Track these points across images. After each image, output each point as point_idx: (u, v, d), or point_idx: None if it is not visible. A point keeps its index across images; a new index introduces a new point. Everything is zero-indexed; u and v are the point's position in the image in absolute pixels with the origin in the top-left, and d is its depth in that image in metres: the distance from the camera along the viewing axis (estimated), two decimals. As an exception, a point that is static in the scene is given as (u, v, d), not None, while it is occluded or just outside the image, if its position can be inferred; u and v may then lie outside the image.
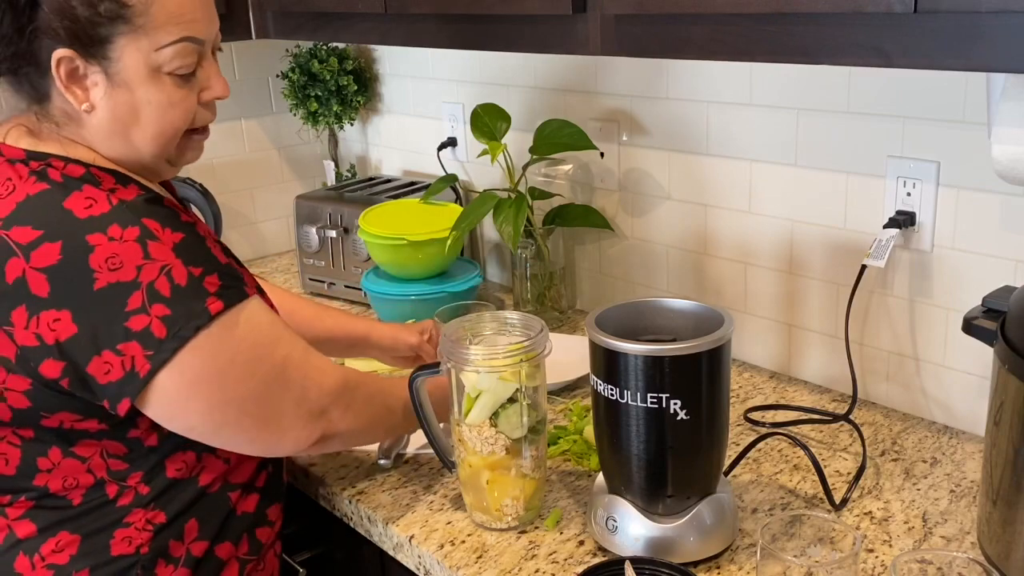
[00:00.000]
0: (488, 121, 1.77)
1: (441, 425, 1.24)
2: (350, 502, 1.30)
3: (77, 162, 1.04)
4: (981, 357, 1.28)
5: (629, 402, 1.06)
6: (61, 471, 1.06)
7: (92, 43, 1.01)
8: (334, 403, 1.12)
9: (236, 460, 1.15)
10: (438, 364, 1.18)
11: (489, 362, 1.14)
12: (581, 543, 1.17)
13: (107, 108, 1.05)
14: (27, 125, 1.07)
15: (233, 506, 1.15)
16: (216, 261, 1.03)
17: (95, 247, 0.97)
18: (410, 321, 1.60)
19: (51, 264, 0.97)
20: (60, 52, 1.01)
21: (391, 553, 1.25)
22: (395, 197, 2.06)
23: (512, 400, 1.15)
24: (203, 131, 1.17)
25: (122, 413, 1.00)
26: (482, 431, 1.16)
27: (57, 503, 1.07)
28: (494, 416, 1.15)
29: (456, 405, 1.18)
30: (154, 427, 1.06)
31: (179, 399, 1.01)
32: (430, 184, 1.91)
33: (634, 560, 1.02)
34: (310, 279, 2.11)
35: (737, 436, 1.41)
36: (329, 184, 2.38)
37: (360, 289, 1.96)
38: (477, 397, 1.15)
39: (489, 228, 2.03)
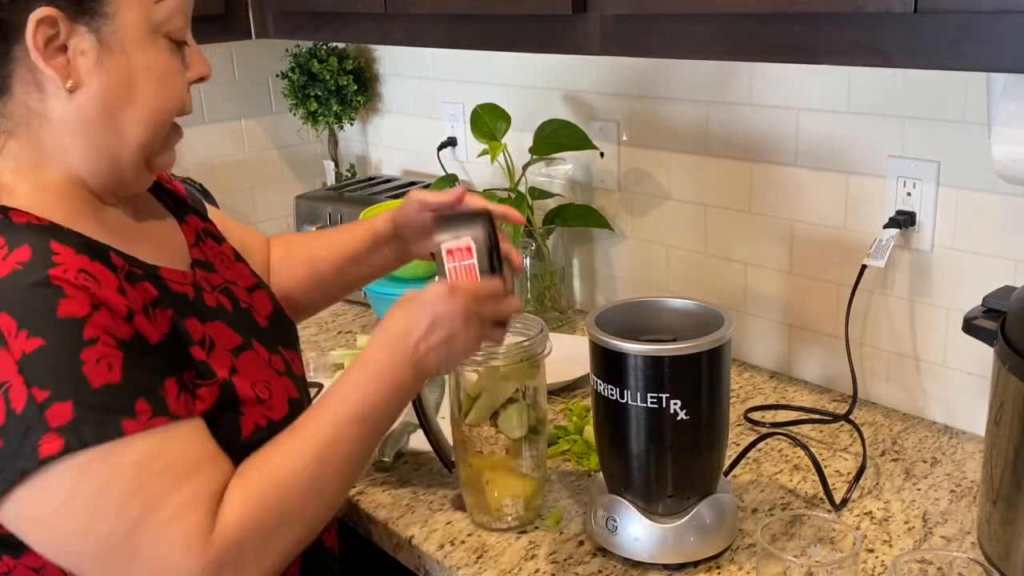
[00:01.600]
0: (488, 121, 1.77)
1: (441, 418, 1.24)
2: (350, 502, 1.30)
3: None
4: (981, 357, 1.28)
5: (629, 402, 1.06)
6: None
7: None
8: (226, 561, 0.81)
9: None
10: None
11: (488, 362, 1.14)
12: (581, 543, 1.17)
13: (97, 82, 0.86)
14: None
15: None
16: (82, 383, 0.78)
17: None
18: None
19: None
20: (40, 12, 0.82)
21: (391, 553, 1.25)
22: (395, 197, 2.06)
23: (512, 400, 1.15)
24: (179, 131, 0.97)
25: None
26: (481, 431, 1.16)
27: None
28: (494, 416, 1.15)
29: (456, 405, 1.18)
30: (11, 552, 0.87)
31: (22, 535, 0.81)
32: (430, 184, 1.91)
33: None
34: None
35: (737, 436, 1.41)
36: (329, 184, 2.38)
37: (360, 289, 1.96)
38: (476, 397, 1.15)
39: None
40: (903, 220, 1.37)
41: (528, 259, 1.82)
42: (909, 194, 1.37)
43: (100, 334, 0.80)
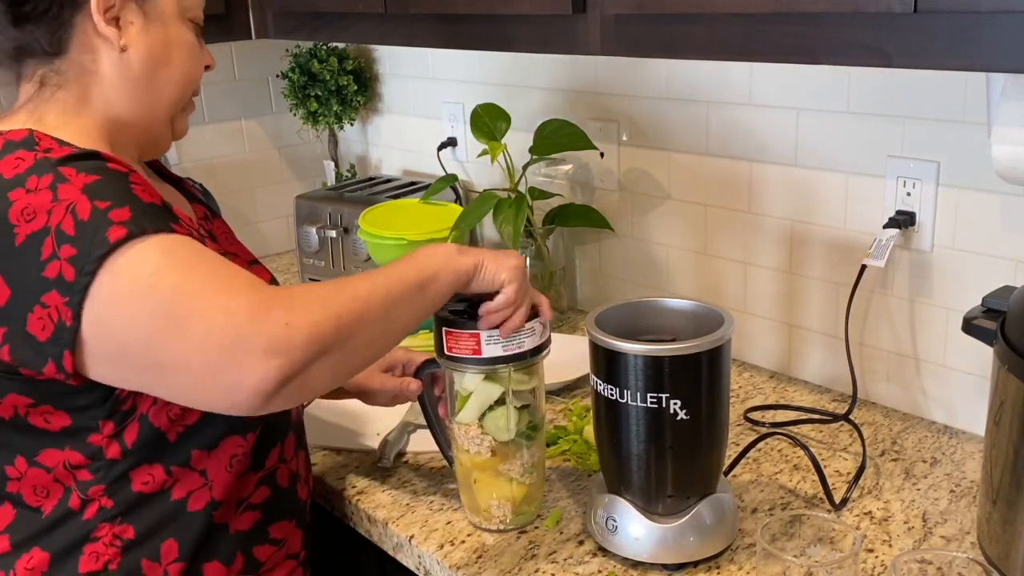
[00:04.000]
0: (488, 121, 1.77)
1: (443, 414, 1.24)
2: (350, 502, 1.30)
3: (24, 128, 1.00)
4: (981, 357, 1.28)
5: (629, 402, 1.06)
6: (29, 480, 1.01)
7: None
8: (261, 324, 0.88)
9: (217, 475, 1.06)
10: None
11: (475, 364, 1.13)
12: (581, 543, 1.17)
13: (143, 45, 1.04)
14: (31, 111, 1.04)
15: (219, 523, 1.08)
16: (135, 199, 0.93)
17: (13, 202, 0.92)
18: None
19: None
20: None
21: (391, 553, 1.25)
22: (395, 197, 2.06)
23: (500, 402, 1.15)
24: (193, 103, 1.16)
25: (69, 369, 0.91)
26: (470, 431, 1.16)
27: (29, 514, 1.03)
28: (482, 417, 1.15)
29: (450, 401, 1.18)
30: (115, 436, 1.00)
31: (101, 345, 0.91)
32: (430, 184, 1.91)
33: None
34: (310, 279, 2.11)
35: (737, 436, 1.41)
36: (329, 184, 2.38)
37: (360, 289, 1.95)
38: (468, 396, 1.15)
39: (489, 228, 2.02)
40: (903, 220, 1.37)
41: (528, 259, 1.82)
42: (909, 194, 1.37)
43: (141, 184, 0.97)
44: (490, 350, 1.11)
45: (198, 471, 1.05)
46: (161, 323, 0.88)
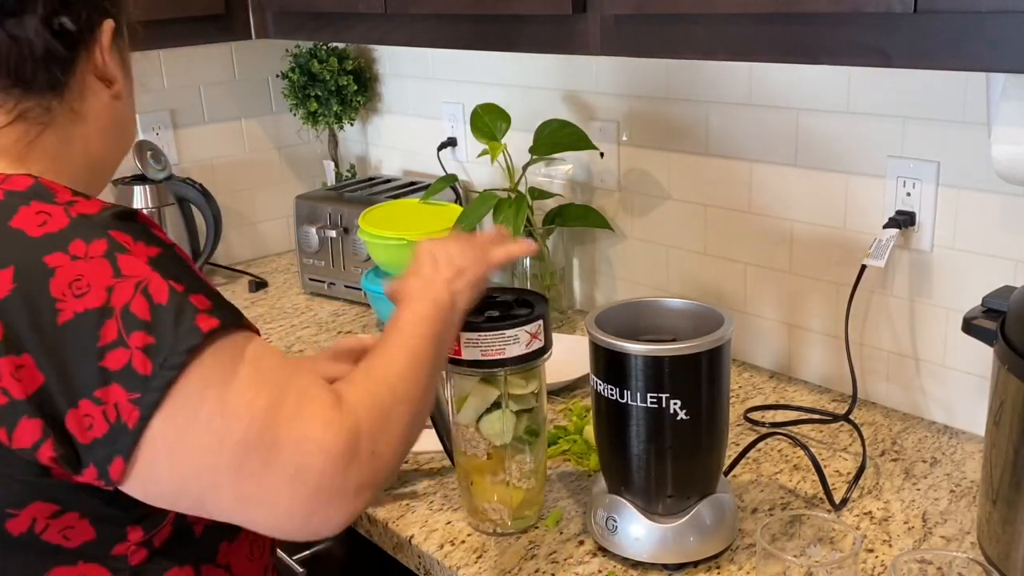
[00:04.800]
0: (488, 121, 1.77)
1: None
2: (350, 502, 1.30)
3: (25, 175, 0.87)
4: (981, 357, 1.28)
5: (629, 402, 1.06)
6: None
7: (121, 9, 0.95)
8: (354, 464, 0.82)
9: (241, 568, 0.96)
10: None
11: (470, 367, 1.12)
12: (581, 543, 1.17)
13: (126, 89, 0.98)
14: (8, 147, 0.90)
15: None
16: (203, 282, 0.84)
17: (55, 270, 0.77)
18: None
19: (2, 297, 0.77)
20: (111, 22, 0.93)
21: (391, 553, 1.25)
22: (395, 197, 2.06)
23: (496, 405, 1.14)
24: None
25: (116, 478, 0.78)
26: (467, 432, 1.16)
27: None
28: (480, 419, 1.15)
29: (451, 402, 1.18)
30: (143, 543, 0.86)
31: (164, 461, 0.79)
32: (430, 184, 1.91)
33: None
34: (310, 279, 2.11)
35: (737, 436, 1.41)
36: (329, 184, 2.38)
37: (360, 289, 1.96)
38: (465, 397, 1.15)
39: (489, 228, 2.02)
40: (903, 220, 1.37)
41: (528, 259, 1.82)
42: (909, 194, 1.37)
43: (187, 258, 0.87)
44: (469, 352, 1.11)
45: (223, 566, 0.94)
46: (249, 451, 0.78)
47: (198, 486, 0.80)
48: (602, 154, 1.77)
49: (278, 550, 1.41)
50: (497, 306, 1.15)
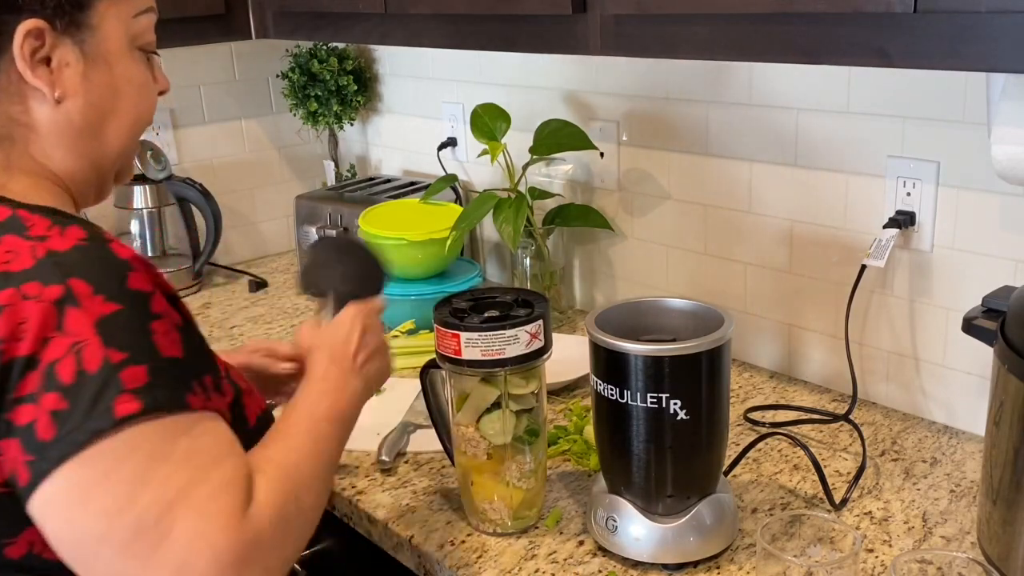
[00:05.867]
0: (488, 121, 1.77)
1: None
2: (350, 502, 1.30)
3: (6, 204, 0.84)
4: (981, 357, 1.28)
5: (629, 402, 1.06)
6: None
7: (71, 8, 0.85)
8: (245, 567, 0.77)
9: None
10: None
11: (470, 367, 1.12)
12: (581, 543, 1.17)
13: (84, 93, 0.88)
14: None
15: None
16: (154, 351, 0.78)
17: (4, 308, 0.75)
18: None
19: None
20: (28, 24, 0.83)
21: (391, 553, 1.25)
22: (395, 197, 2.06)
23: (496, 405, 1.14)
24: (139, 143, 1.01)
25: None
26: (467, 432, 1.16)
27: None
28: (479, 419, 1.15)
29: (451, 402, 1.18)
30: None
31: (51, 525, 0.77)
32: (430, 184, 1.91)
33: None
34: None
35: (737, 436, 1.41)
36: (329, 184, 2.38)
37: (360, 289, 1.95)
38: (465, 397, 1.15)
39: (489, 228, 2.02)
40: (903, 220, 1.37)
41: (528, 259, 1.82)
42: (909, 194, 1.37)
43: (163, 311, 0.81)
44: (469, 352, 1.10)
45: None
46: (140, 534, 0.74)
47: (82, 552, 0.77)
48: (602, 154, 1.77)
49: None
50: (497, 306, 1.15)
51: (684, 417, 1.05)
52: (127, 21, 0.90)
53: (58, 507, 0.75)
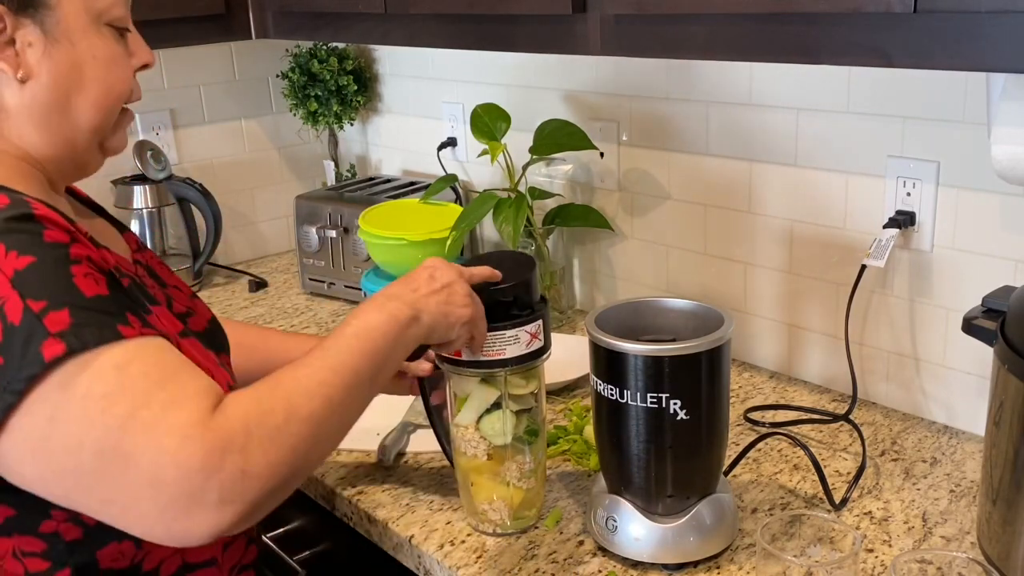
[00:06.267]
0: (488, 121, 1.77)
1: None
2: (350, 502, 1.30)
3: None
4: (981, 357, 1.28)
5: (629, 402, 1.06)
6: None
7: None
8: (216, 476, 0.78)
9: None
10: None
11: (470, 368, 1.12)
12: (581, 543, 1.17)
13: (47, 72, 0.90)
14: None
15: None
16: (76, 293, 0.81)
17: None
18: None
19: None
20: None
21: (391, 553, 1.25)
22: (395, 197, 2.06)
23: (496, 406, 1.14)
24: (130, 113, 1.02)
25: None
26: (466, 433, 1.16)
27: None
28: (479, 419, 1.15)
29: (450, 403, 1.18)
30: (72, 519, 0.89)
31: (20, 467, 0.81)
32: (430, 184, 1.91)
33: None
34: (310, 279, 2.11)
35: (737, 436, 1.41)
36: (329, 184, 2.38)
37: (360, 289, 1.96)
38: (465, 398, 1.15)
39: (489, 228, 2.02)
40: (903, 220, 1.37)
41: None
42: (909, 194, 1.37)
43: (84, 257, 0.84)
44: (469, 353, 1.10)
45: None
46: (102, 462, 0.78)
47: (63, 487, 0.81)
48: (602, 154, 1.77)
49: (279, 551, 1.42)
50: (495, 306, 1.14)
51: (684, 417, 1.05)
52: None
53: (23, 455, 0.80)
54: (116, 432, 0.78)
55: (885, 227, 1.37)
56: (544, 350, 1.14)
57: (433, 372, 1.22)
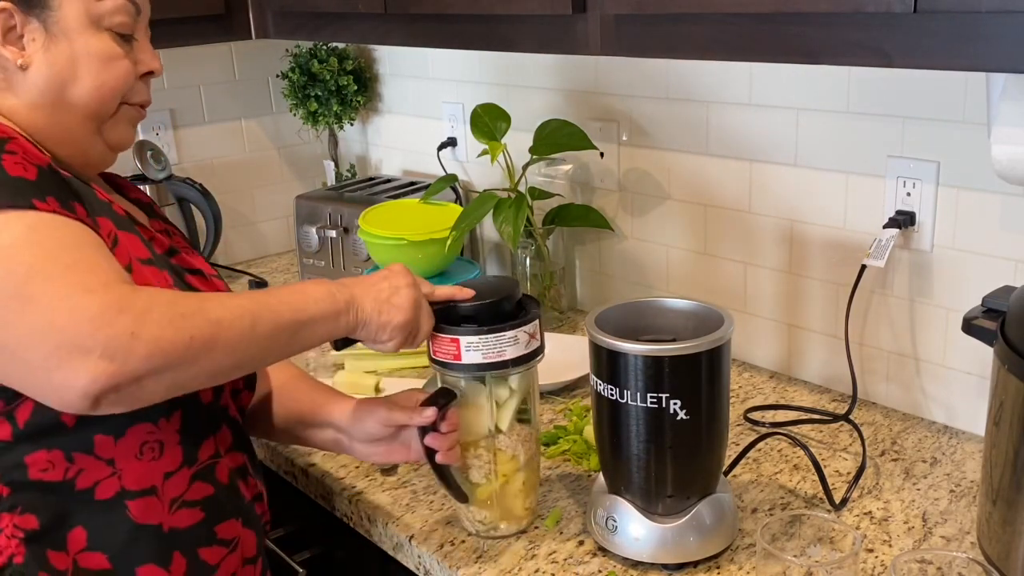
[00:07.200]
0: (488, 121, 1.77)
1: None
2: (350, 502, 1.30)
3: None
4: (981, 357, 1.28)
5: (629, 402, 1.06)
6: None
7: None
8: (105, 329, 0.84)
9: (126, 463, 0.99)
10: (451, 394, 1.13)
11: (471, 369, 1.11)
12: (581, 543, 1.17)
13: (45, 62, 1.02)
14: None
15: (149, 523, 1.00)
16: (1, 171, 0.92)
17: None
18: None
19: None
20: (0, 5, 1.00)
21: (391, 553, 1.25)
22: (395, 197, 2.06)
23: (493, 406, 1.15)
24: (138, 108, 1.11)
25: None
26: (511, 433, 1.15)
27: None
28: (521, 413, 1.15)
29: (489, 419, 1.15)
30: (5, 416, 0.95)
31: None
32: (430, 184, 1.91)
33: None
34: (310, 279, 2.10)
35: (737, 436, 1.41)
36: (329, 184, 2.38)
37: (360, 289, 1.95)
38: (504, 403, 1.14)
39: (489, 228, 2.03)
40: (903, 220, 1.37)
41: (528, 259, 1.82)
42: (909, 194, 1.37)
43: (20, 152, 0.94)
44: (469, 356, 1.10)
45: (104, 459, 0.98)
46: (5, 300, 0.85)
47: None
48: (602, 154, 1.77)
49: (278, 551, 1.42)
50: (481, 309, 1.12)
51: (684, 417, 1.05)
52: (88, 4, 1.03)
53: None
54: (20, 278, 0.85)
55: (885, 227, 1.37)
56: (541, 348, 1.15)
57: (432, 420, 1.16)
